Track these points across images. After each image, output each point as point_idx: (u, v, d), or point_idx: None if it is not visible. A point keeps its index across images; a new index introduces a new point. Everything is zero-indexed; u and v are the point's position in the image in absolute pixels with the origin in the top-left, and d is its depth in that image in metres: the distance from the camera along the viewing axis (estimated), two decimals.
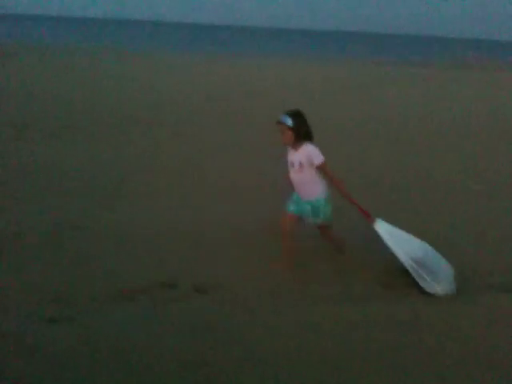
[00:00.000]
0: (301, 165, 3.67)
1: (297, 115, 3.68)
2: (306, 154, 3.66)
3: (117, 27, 75.45)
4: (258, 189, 5.74)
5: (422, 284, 3.53)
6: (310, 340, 2.96)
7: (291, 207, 3.86)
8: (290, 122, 3.61)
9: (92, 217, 4.85)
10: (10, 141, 7.64)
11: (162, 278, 3.71)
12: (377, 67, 24.89)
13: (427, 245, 3.80)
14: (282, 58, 27.66)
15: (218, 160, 7.22)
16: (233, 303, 3.44)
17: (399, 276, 3.77)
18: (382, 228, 3.75)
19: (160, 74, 17.44)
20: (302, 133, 3.65)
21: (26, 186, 5.70)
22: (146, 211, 5.11)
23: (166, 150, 7.75)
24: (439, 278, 3.54)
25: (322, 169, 3.70)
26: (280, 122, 3.66)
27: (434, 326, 3.16)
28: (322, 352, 2.84)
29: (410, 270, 3.57)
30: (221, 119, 10.31)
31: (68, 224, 4.62)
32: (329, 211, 3.80)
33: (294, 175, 3.77)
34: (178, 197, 5.61)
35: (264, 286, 3.68)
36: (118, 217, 4.90)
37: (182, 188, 5.92)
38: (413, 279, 3.59)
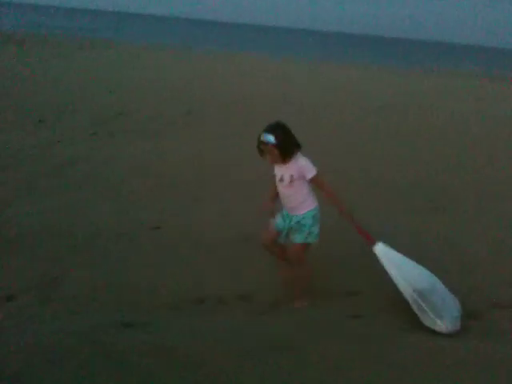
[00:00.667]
0: (292, 179, 3.32)
1: (277, 128, 3.27)
2: (297, 168, 3.31)
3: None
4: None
5: (422, 319, 3.22)
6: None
7: (277, 221, 3.53)
8: (272, 139, 3.21)
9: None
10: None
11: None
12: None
13: (434, 276, 3.43)
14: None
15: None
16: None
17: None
18: (383, 252, 3.35)
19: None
20: (289, 146, 3.28)
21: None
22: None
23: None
24: (443, 314, 3.19)
25: (315, 182, 3.35)
26: (262, 142, 3.28)
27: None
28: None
29: (411, 302, 3.25)
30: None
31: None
32: (315, 231, 3.43)
33: (284, 190, 3.41)
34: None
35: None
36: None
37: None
38: (412, 312, 3.26)
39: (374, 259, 3.37)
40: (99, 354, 2.65)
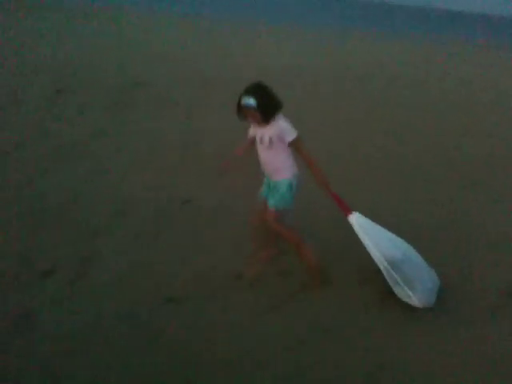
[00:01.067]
0: (271, 141, 3.19)
1: (258, 90, 3.14)
2: (277, 130, 3.16)
3: None
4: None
5: (395, 289, 3.21)
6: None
7: (262, 191, 3.50)
8: (253, 102, 3.08)
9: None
10: None
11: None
12: None
13: (411, 247, 3.40)
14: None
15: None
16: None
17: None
18: (359, 222, 3.32)
19: None
20: (270, 108, 3.15)
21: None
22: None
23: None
24: (416, 286, 3.17)
25: (295, 146, 3.21)
26: (244, 106, 3.13)
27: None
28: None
29: (384, 272, 3.21)
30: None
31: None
32: (288, 198, 3.32)
33: (263, 153, 3.30)
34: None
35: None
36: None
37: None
38: (387, 283, 3.24)
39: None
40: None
